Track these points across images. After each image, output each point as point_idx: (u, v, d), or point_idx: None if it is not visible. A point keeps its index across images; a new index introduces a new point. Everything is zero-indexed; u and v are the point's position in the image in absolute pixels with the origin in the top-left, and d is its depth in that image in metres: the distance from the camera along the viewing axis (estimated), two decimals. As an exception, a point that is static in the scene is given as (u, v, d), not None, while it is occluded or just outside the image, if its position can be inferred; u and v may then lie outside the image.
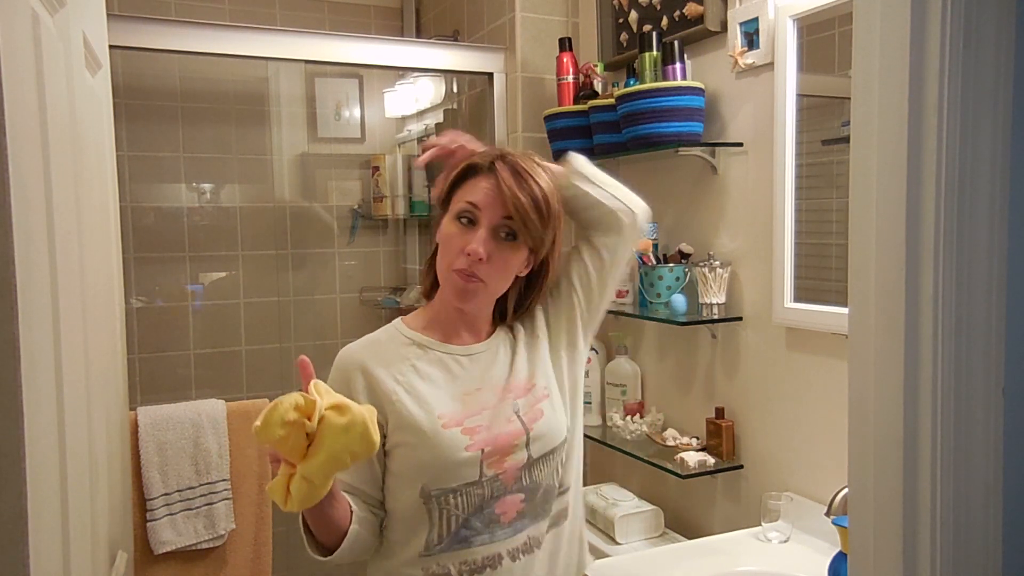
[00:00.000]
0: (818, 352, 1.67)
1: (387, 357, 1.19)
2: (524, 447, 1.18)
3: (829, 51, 1.63)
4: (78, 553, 0.92)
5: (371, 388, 1.16)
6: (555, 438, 1.21)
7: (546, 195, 1.16)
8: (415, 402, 1.15)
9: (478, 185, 1.16)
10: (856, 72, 0.74)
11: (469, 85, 2.69)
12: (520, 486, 1.17)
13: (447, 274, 1.17)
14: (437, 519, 1.14)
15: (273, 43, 2.17)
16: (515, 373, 1.23)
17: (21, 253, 0.69)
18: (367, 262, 3.07)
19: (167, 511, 2.02)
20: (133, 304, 2.69)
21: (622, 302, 2.15)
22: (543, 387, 1.23)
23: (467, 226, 1.15)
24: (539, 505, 1.20)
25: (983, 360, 0.70)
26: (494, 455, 1.15)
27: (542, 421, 1.20)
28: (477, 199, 1.15)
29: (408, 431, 1.14)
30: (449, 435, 1.14)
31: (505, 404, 1.19)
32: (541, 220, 1.15)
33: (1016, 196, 0.70)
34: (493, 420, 1.17)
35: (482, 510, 1.15)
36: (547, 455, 1.20)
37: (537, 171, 1.18)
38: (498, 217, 1.14)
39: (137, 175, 2.71)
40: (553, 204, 1.17)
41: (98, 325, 1.19)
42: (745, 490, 1.88)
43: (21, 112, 0.72)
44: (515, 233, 1.15)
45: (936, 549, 0.70)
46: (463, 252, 1.14)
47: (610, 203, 1.25)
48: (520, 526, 1.18)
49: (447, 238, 1.17)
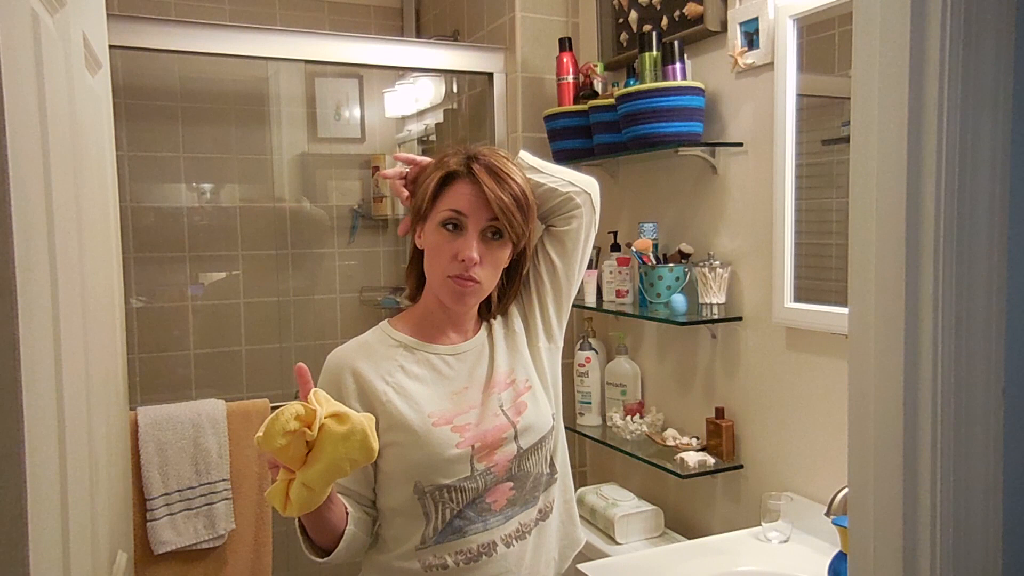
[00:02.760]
0: (818, 352, 1.67)
1: (376, 359, 1.21)
2: (513, 440, 1.21)
3: (829, 51, 1.63)
4: (78, 553, 0.92)
5: (361, 390, 1.18)
6: (542, 428, 1.24)
7: (524, 190, 1.19)
8: (405, 402, 1.17)
9: (460, 191, 1.17)
10: (856, 72, 0.73)
11: (469, 85, 2.69)
12: (510, 475, 1.20)
13: (441, 281, 1.18)
14: (432, 512, 1.17)
15: (273, 43, 2.17)
16: (496, 368, 1.25)
17: (21, 253, 0.69)
18: (367, 262, 3.06)
19: (167, 511, 2.02)
20: (133, 304, 2.69)
21: (622, 302, 2.15)
22: (524, 380, 1.26)
23: (454, 232, 1.17)
24: (529, 492, 1.23)
25: (983, 360, 0.70)
26: (483, 450, 1.18)
27: (527, 413, 1.23)
28: (462, 206, 1.16)
29: (399, 431, 1.16)
30: (439, 433, 1.16)
31: (490, 400, 1.22)
32: (523, 216, 1.18)
33: (1016, 196, 0.70)
34: (481, 417, 1.20)
35: (475, 501, 1.18)
36: (536, 445, 1.23)
37: (511, 167, 1.19)
38: (484, 220, 1.16)
39: (137, 175, 2.71)
40: (530, 197, 1.20)
41: (98, 325, 1.19)
42: (745, 490, 1.88)
43: (21, 112, 0.72)
44: (501, 231, 1.18)
45: (936, 549, 0.70)
46: (456, 259, 1.15)
47: (563, 188, 1.27)
48: (511, 513, 1.21)
49: (436, 247, 1.18)
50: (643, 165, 2.20)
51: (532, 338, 1.30)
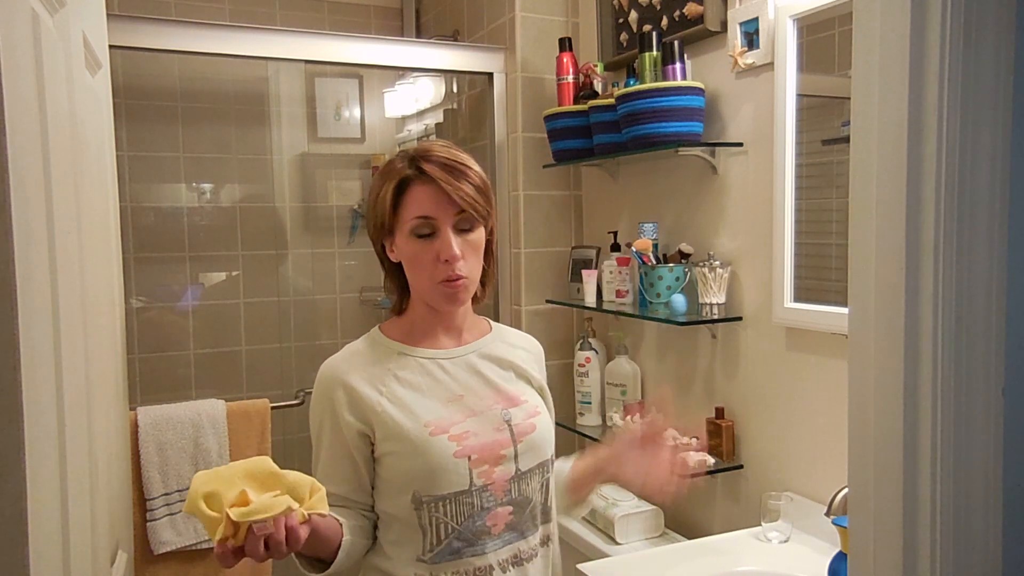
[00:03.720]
0: (818, 352, 1.67)
1: (368, 368, 1.20)
2: (512, 459, 1.20)
3: (829, 51, 1.63)
4: (78, 553, 0.92)
5: (353, 401, 1.18)
6: (542, 453, 1.24)
7: (481, 175, 1.19)
8: (400, 412, 1.17)
9: (419, 195, 1.16)
10: (856, 72, 0.73)
11: (469, 85, 2.69)
12: (509, 499, 1.19)
13: (431, 288, 1.18)
14: (428, 527, 1.16)
15: (273, 43, 2.17)
16: (503, 386, 1.25)
17: (21, 253, 0.69)
18: (367, 262, 3.06)
19: (167, 511, 2.02)
20: (133, 304, 2.69)
21: (622, 302, 2.15)
22: (534, 405, 1.26)
23: (428, 237, 1.16)
24: (528, 519, 1.22)
25: (983, 360, 0.70)
26: (482, 463, 1.17)
27: (533, 435, 1.22)
28: (427, 210, 1.15)
29: (396, 440, 1.16)
30: (436, 442, 1.15)
31: (493, 412, 1.21)
32: (487, 200, 1.18)
33: (1016, 196, 0.70)
34: (481, 427, 1.19)
35: (473, 521, 1.17)
36: (534, 469, 1.22)
37: (463, 156, 1.18)
38: (453, 216, 1.15)
39: (137, 175, 2.71)
40: (486, 178, 1.20)
41: (98, 325, 1.19)
42: (745, 490, 1.88)
43: (21, 112, 0.72)
44: (471, 221, 1.17)
45: (936, 549, 0.70)
46: (439, 261, 1.15)
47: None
48: (509, 538, 1.20)
49: (414, 256, 1.17)
50: (643, 165, 2.20)
51: (537, 390, 1.31)
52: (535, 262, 2.44)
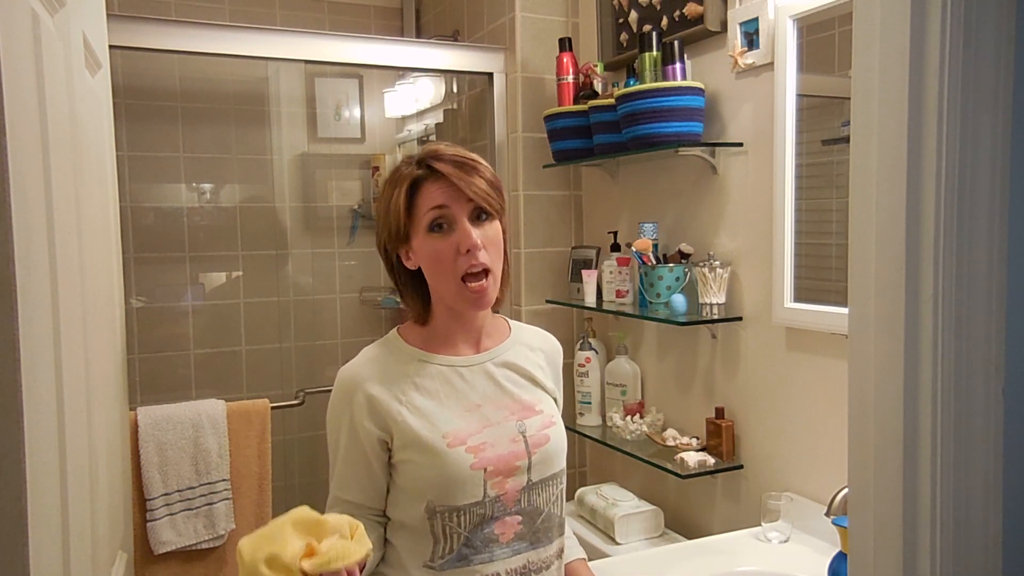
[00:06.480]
0: (818, 352, 1.67)
1: (388, 375, 1.19)
2: (526, 471, 1.19)
3: (829, 51, 1.63)
4: (78, 553, 0.92)
5: (372, 408, 1.17)
6: (555, 465, 1.23)
7: (492, 171, 1.19)
8: (419, 421, 1.16)
9: (432, 190, 1.15)
10: (856, 72, 0.73)
11: (469, 85, 2.69)
12: (519, 508, 1.19)
13: (456, 289, 1.16)
14: (441, 536, 1.16)
15: (273, 43, 2.17)
16: (519, 394, 1.24)
17: (21, 253, 0.69)
18: (367, 262, 3.06)
19: (167, 511, 2.02)
20: (133, 304, 2.69)
21: (622, 302, 2.15)
22: (548, 415, 1.25)
23: (445, 231, 1.15)
24: (539, 531, 1.22)
25: (983, 360, 0.70)
26: (497, 475, 1.16)
27: (548, 446, 1.22)
28: (442, 199, 1.14)
29: (414, 449, 1.15)
30: (454, 454, 1.15)
31: (508, 423, 1.20)
32: (499, 195, 1.18)
33: (1016, 196, 0.70)
34: (497, 438, 1.18)
35: (482, 529, 1.16)
36: (546, 480, 1.22)
37: (471, 154, 1.19)
38: (467, 206, 1.15)
39: (137, 175, 2.71)
40: (496, 176, 1.20)
41: (98, 325, 1.19)
42: (745, 490, 1.88)
43: (21, 112, 0.72)
44: (487, 211, 1.17)
45: (936, 549, 0.70)
46: (460, 252, 1.14)
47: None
48: (518, 548, 1.19)
49: (433, 253, 1.16)
50: (643, 165, 2.20)
51: (552, 397, 1.31)
52: (535, 262, 2.44)
